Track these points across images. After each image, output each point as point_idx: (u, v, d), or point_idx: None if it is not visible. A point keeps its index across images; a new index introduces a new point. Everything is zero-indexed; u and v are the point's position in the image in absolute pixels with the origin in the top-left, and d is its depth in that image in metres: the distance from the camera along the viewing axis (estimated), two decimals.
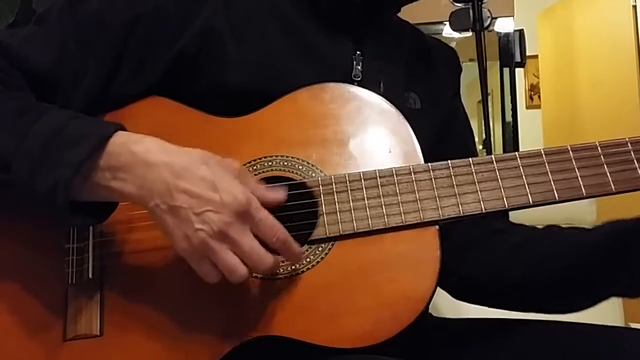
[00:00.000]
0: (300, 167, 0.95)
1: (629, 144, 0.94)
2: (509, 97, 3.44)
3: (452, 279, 1.16)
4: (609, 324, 1.09)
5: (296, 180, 0.94)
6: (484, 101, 2.28)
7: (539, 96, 4.88)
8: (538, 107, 4.87)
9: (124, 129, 0.87)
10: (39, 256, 0.93)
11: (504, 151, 3.45)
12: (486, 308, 1.18)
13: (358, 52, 1.08)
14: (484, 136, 2.37)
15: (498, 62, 3.36)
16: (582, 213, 2.52)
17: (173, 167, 0.83)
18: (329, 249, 0.91)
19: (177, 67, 0.99)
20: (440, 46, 1.29)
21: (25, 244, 0.93)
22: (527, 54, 3.33)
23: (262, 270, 0.84)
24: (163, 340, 0.89)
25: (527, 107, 4.96)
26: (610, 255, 1.00)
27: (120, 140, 0.85)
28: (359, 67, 1.07)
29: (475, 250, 1.15)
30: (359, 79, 1.06)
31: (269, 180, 0.94)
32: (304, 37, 1.06)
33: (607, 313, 2.14)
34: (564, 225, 1.05)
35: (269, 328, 0.88)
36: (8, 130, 0.86)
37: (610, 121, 4.02)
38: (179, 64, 0.99)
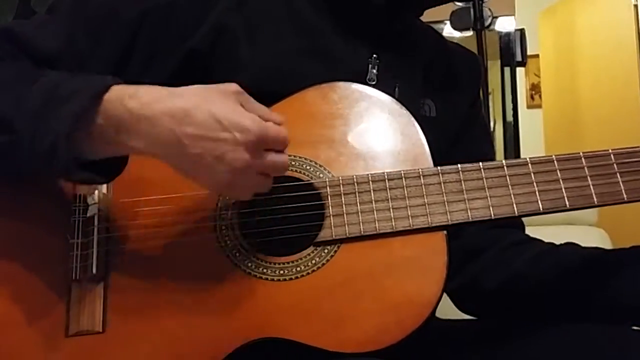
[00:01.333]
0: (308, 167, 0.94)
1: None
2: (510, 96, 3.43)
3: (453, 282, 1.15)
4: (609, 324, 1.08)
5: (304, 180, 0.93)
6: (485, 101, 2.28)
7: (540, 95, 4.88)
8: (539, 106, 4.87)
9: (120, 83, 0.86)
10: (42, 251, 0.92)
11: (505, 151, 3.44)
12: None
13: (374, 56, 1.07)
14: None
15: (499, 62, 3.35)
16: (583, 213, 2.52)
17: (174, 114, 0.81)
18: (335, 251, 0.90)
19: (189, 64, 0.98)
20: (462, 52, 1.27)
21: (29, 239, 0.92)
22: (528, 53, 3.32)
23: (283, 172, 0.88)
24: (166, 338, 0.88)
25: (528, 107, 4.96)
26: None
27: (114, 96, 0.84)
28: (374, 71, 1.06)
29: (484, 257, 1.14)
30: (374, 82, 1.05)
31: (277, 180, 0.93)
32: (319, 38, 1.05)
33: None
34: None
35: (273, 330, 0.87)
36: (8, 92, 0.86)
37: (611, 120, 4.03)
38: (191, 61, 0.98)
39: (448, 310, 1.28)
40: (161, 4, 0.98)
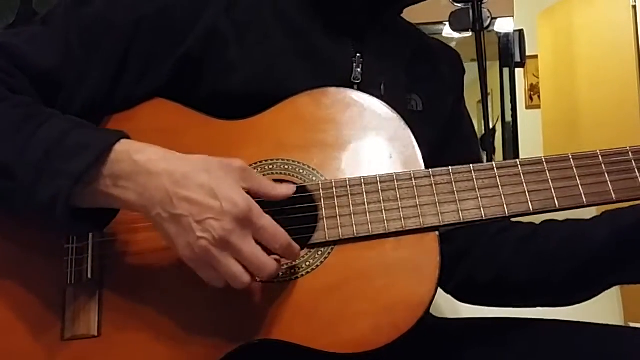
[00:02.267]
0: (301, 171, 0.95)
1: (630, 153, 0.93)
2: (509, 97, 3.43)
3: (450, 284, 1.16)
4: (609, 324, 1.09)
5: (297, 183, 0.94)
6: (484, 101, 2.27)
7: (539, 96, 4.87)
8: (538, 107, 4.86)
9: (127, 137, 0.87)
10: (38, 256, 0.93)
11: (504, 151, 3.44)
12: (486, 308, 1.18)
13: (358, 55, 1.08)
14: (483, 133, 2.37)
15: (498, 62, 3.35)
16: (582, 215, 2.52)
17: (173, 175, 0.83)
18: (329, 253, 0.91)
19: (182, 69, 0.99)
20: (443, 48, 1.29)
21: (24, 244, 0.93)
22: (527, 54, 3.32)
23: (264, 276, 0.84)
24: (161, 341, 0.89)
25: (527, 107, 4.95)
26: (622, 249, 1.00)
27: (123, 148, 0.85)
28: (359, 70, 1.07)
29: (473, 253, 1.15)
30: (359, 81, 1.06)
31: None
32: (305, 39, 1.06)
33: (607, 313, 2.13)
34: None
35: (268, 332, 0.88)
36: (11, 137, 0.86)
37: (609, 121, 4.02)
38: (184, 66, 0.99)
39: (445, 308, 1.29)
40: (152, 13, 0.99)
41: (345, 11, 1.09)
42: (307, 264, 0.90)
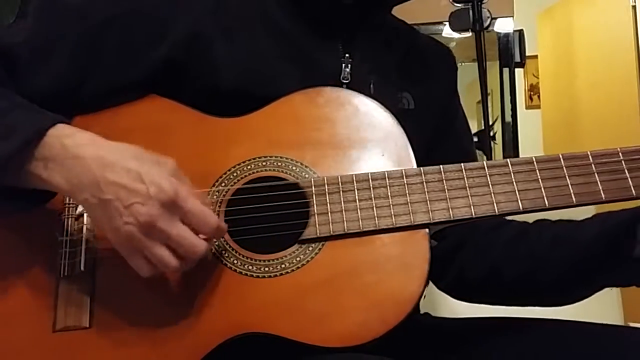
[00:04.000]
0: (293, 167, 0.95)
1: (620, 154, 0.94)
2: (509, 97, 3.43)
3: (443, 281, 1.17)
4: (609, 324, 1.09)
5: (289, 180, 0.94)
6: (484, 101, 2.28)
7: (539, 96, 4.87)
8: (538, 107, 4.85)
9: (64, 121, 0.88)
10: (31, 248, 0.93)
11: (504, 151, 3.44)
12: (484, 308, 1.19)
13: (347, 55, 1.08)
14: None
15: (498, 63, 3.35)
16: (580, 215, 2.51)
17: (102, 159, 0.83)
18: (319, 249, 0.92)
19: (163, 71, 0.99)
20: (435, 46, 1.29)
21: (18, 236, 0.94)
22: (527, 54, 3.32)
23: (195, 256, 0.84)
24: (152, 334, 0.89)
25: (527, 107, 4.95)
26: (609, 251, 1.01)
27: (55, 133, 0.86)
28: (348, 70, 1.07)
29: (466, 250, 1.15)
30: (348, 81, 1.07)
31: (263, 180, 0.95)
32: (292, 40, 1.06)
33: (607, 313, 2.14)
34: None
35: (257, 325, 0.88)
36: None
37: (609, 121, 4.02)
38: (166, 68, 0.99)
39: (443, 308, 1.29)
40: (125, 12, 0.99)
41: (332, 13, 1.09)
42: (298, 259, 0.91)
